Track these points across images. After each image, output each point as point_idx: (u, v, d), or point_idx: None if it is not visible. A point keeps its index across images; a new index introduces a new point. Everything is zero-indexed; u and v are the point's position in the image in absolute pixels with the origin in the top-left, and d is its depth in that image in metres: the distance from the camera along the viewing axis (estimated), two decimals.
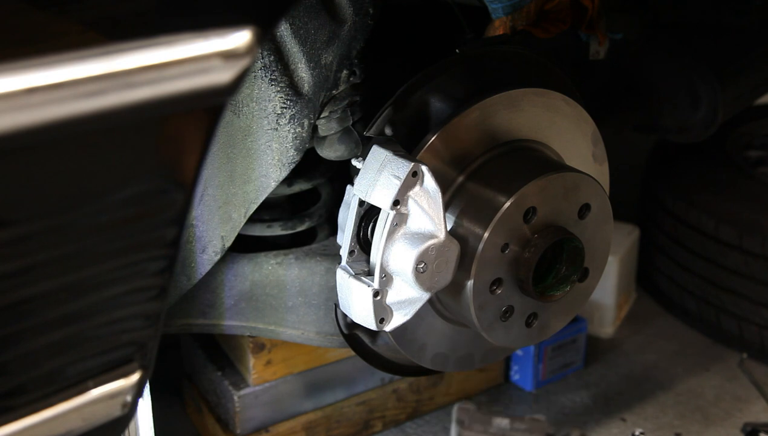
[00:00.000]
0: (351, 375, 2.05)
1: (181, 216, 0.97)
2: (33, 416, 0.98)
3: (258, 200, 1.57)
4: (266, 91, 1.49)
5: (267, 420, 1.98)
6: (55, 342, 0.97)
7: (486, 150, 1.48)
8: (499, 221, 1.40)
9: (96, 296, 0.97)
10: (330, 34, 1.49)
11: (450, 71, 1.48)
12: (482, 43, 1.55)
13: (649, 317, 2.69)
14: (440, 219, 1.37)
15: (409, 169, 1.35)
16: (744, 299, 2.42)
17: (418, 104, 1.47)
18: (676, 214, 2.56)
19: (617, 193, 1.72)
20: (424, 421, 2.20)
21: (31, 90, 0.77)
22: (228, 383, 1.95)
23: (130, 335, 1.04)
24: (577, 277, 1.51)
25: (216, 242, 1.60)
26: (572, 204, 1.48)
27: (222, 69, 0.87)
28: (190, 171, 0.94)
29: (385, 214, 1.38)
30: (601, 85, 2.21)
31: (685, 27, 2.36)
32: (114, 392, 1.04)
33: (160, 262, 1.00)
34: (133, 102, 0.83)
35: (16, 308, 0.91)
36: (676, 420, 2.24)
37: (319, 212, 1.80)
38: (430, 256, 1.37)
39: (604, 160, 1.67)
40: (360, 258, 1.45)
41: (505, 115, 1.48)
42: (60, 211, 0.88)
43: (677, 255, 2.59)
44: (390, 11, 1.63)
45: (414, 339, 1.53)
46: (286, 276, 1.71)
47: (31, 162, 0.83)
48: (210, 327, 1.75)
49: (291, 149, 1.53)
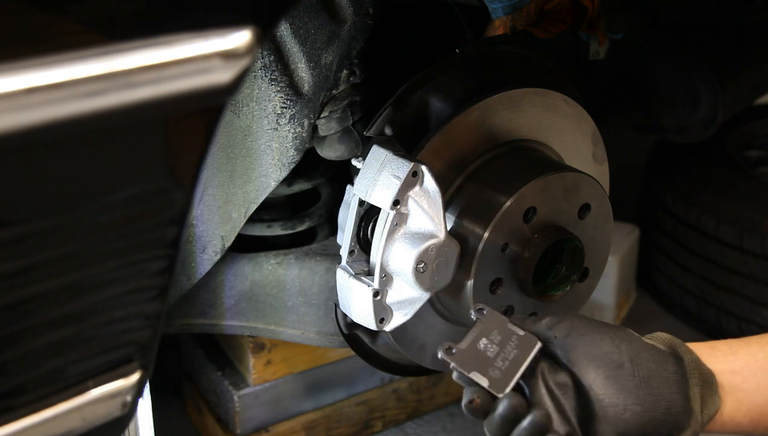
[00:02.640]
0: (351, 375, 2.05)
1: (181, 216, 0.97)
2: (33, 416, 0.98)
3: (258, 200, 1.57)
4: (266, 91, 1.49)
5: (267, 420, 1.98)
6: (55, 342, 0.97)
7: (486, 150, 1.48)
8: (499, 221, 1.40)
9: (96, 296, 0.97)
10: (330, 34, 1.49)
11: (450, 71, 1.48)
12: (482, 43, 1.55)
13: (649, 317, 2.68)
14: (440, 219, 1.37)
15: (409, 169, 1.35)
16: (744, 299, 2.41)
17: (418, 104, 1.47)
18: (676, 214, 2.56)
19: (617, 193, 1.72)
20: (424, 421, 2.20)
21: (31, 90, 0.77)
22: (228, 383, 1.95)
23: (130, 335, 1.04)
24: (577, 277, 1.51)
25: (216, 241, 1.60)
26: (572, 204, 1.48)
27: (222, 69, 0.87)
28: (190, 171, 0.94)
29: (385, 214, 1.38)
30: (601, 85, 2.21)
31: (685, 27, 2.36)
32: (114, 392, 1.04)
33: (160, 262, 1.00)
34: (133, 102, 0.83)
35: (16, 308, 0.91)
36: None
37: (319, 212, 1.80)
38: (430, 256, 1.37)
39: (604, 160, 1.67)
40: (360, 258, 1.45)
41: (505, 115, 1.49)
42: (60, 211, 0.88)
43: (677, 255, 2.59)
44: (390, 11, 1.63)
45: (414, 339, 1.53)
46: (286, 276, 1.71)
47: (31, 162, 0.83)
48: (210, 327, 1.75)
49: (291, 149, 1.53)
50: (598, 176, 1.61)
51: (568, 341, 1.12)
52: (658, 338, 1.16)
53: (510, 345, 1.11)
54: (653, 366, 1.10)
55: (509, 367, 1.10)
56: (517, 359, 1.10)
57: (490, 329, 1.13)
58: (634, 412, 1.08)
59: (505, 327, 1.13)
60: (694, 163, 2.62)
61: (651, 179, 2.77)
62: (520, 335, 1.13)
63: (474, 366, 1.09)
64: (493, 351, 1.10)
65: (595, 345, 1.11)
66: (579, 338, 1.12)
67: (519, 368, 1.10)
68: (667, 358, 1.11)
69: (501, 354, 1.10)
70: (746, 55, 2.38)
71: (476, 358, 1.10)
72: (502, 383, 1.09)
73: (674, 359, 1.12)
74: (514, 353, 1.11)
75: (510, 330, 1.13)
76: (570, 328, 1.13)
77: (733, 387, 1.13)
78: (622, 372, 1.09)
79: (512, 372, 1.09)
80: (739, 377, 1.14)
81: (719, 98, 2.23)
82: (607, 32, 1.80)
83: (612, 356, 1.10)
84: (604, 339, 1.11)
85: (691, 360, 1.12)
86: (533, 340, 1.13)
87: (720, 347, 1.17)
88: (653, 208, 2.69)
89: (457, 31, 1.64)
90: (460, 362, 1.09)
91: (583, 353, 1.11)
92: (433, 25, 1.86)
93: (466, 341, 1.11)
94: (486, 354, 1.10)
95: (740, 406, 1.14)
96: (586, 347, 1.11)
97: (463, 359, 1.09)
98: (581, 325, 1.14)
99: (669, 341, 1.15)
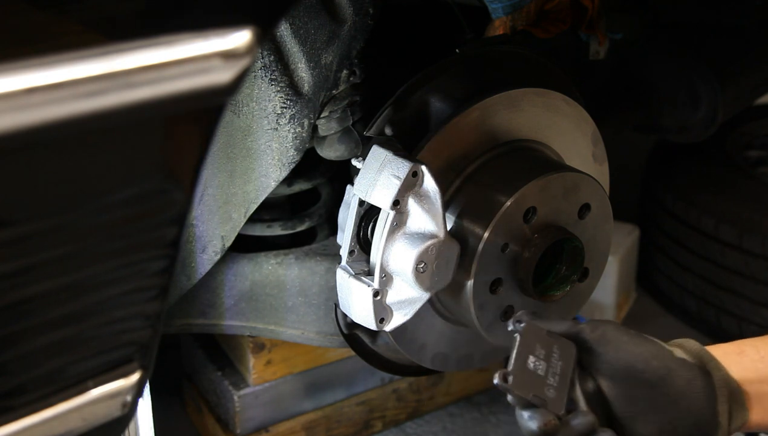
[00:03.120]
0: (351, 375, 2.05)
1: (181, 216, 0.97)
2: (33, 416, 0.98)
3: (258, 200, 1.57)
4: (266, 91, 1.49)
5: (267, 420, 1.98)
6: (55, 342, 0.97)
7: (486, 150, 1.48)
8: (499, 221, 1.40)
9: (96, 296, 0.97)
10: (330, 34, 1.49)
11: (450, 71, 1.48)
12: (482, 43, 1.55)
13: (649, 317, 2.68)
14: (440, 219, 1.37)
15: (409, 169, 1.35)
16: (744, 299, 2.41)
17: (418, 104, 1.47)
18: (676, 214, 2.56)
19: (617, 193, 1.72)
20: (424, 421, 2.19)
21: (31, 90, 0.77)
22: (228, 383, 1.95)
23: (130, 335, 1.04)
24: (577, 277, 1.51)
25: (216, 241, 1.60)
26: (572, 204, 1.48)
27: (222, 69, 0.87)
28: (190, 171, 0.94)
29: (385, 214, 1.38)
30: (601, 85, 2.21)
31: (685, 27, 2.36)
32: (114, 392, 1.04)
33: (160, 262, 1.00)
34: (133, 102, 0.83)
35: (16, 308, 0.91)
36: None
37: (319, 212, 1.81)
38: (430, 256, 1.37)
39: (604, 160, 1.67)
40: (360, 258, 1.45)
41: (505, 115, 1.49)
42: (60, 211, 0.88)
43: (677, 255, 2.59)
44: (390, 11, 1.63)
45: (414, 339, 1.53)
46: (286, 276, 1.71)
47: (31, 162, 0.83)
48: (210, 327, 1.75)
49: (291, 149, 1.53)
50: (598, 176, 1.61)
51: (599, 348, 1.12)
52: (687, 348, 1.15)
53: (554, 357, 1.12)
54: (683, 385, 1.10)
55: (560, 382, 1.10)
56: (564, 372, 1.11)
57: (533, 342, 1.12)
58: (662, 430, 1.09)
59: (544, 338, 1.13)
60: (694, 163, 2.61)
61: (651, 179, 2.77)
62: (560, 343, 1.13)
63: (531, 388, 1.09)
64: (542, 369, 1.10)
65: (625, 359, 1.11)
66: (611, 348, 1.12)
67: (567, 380, 1.11)
68: (696, 375, 1.11)
69: (550, 369, 1.11)
70: (746, 55, 2.38)
71: (530, 379, 1.09)
72: (559, 402, 1.09)
73: (702, 375, 1.12)
74: (560, 366, 1.11)
75: (550, 340, 1.13)
76: (602, 336, 1.13)
77: (760, 395, 1.14)
78: (654, 392, 1.10)
79: (563, 387, 1.10)
80: (766, 385, 1.14)
81: (719, 98, 2.23)
82: (607, 32, 1.80)
83: (644, 375, 1.10)
84: (635, 354, 1.11)
85: (720, 377, 1.12)
86: (571, 347, 1.13)
87: (748, 353, 1.17)
88: (653, 208, 2.69)
89: (457, 31, 1.64)
90: (518, 388, 1.08)
91: (611, 365, 1.11)
92: (433, 25, 1.86)
93: (516, 364, 1.10)
94: (537, 373, 1.10)
95: (766, 414, 1.14)
96: (616, 360, 1.11)
97: (520, 384, 1.09)
98: (614, 335, 1.13)
99: (698, 353, 1.15)
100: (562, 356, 1.12)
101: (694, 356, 1.14)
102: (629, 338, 1.13)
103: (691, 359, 1.14)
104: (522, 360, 1.11)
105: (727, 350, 1.17)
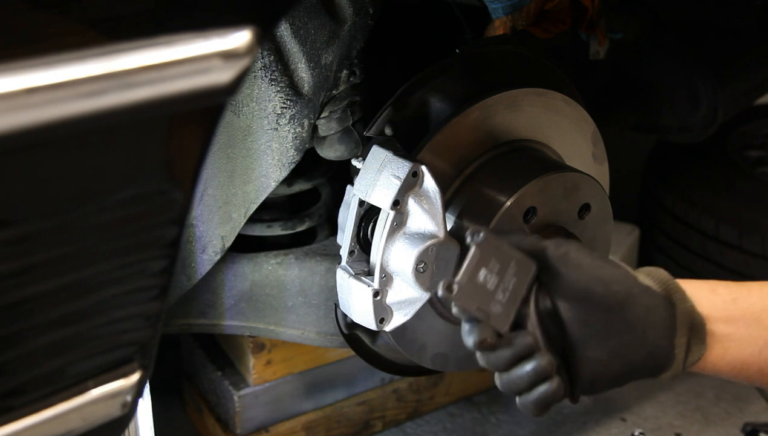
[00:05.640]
0: (351, 375, 2.05)
1: (181, 216, 0.97)
2: (33, 416, 0.98)
3: (258, 200, 1.57)
4: (266, 91, 1.49)
5: (267, 420, 1.98)
6: (55, 342, 0.97)
7: (486, 150, 1.48)
8: (499, 221, 1.40)
9: (96, 296, 0.97)
10: (330, 34, 1.49)
11: (450, 71, 1.48)
12: (482, 43, 1.55)
13: None
14: (440, 219, 1.37)
15: (409, 169, 1.35)
16: None
17: (418, 104, 1.47)
18: (676, 214, 2.56)
19: (617, 193, 1.72)
20: (424, 421, 2.20)
21: (31, 90, 0.77)
22: (228, 383, 1.95)
23: (130, 335, 1.04)
24: None
25: (216, 242, 1.60)
26: (572, 204, 1.48)
27: (222, 69, 0.87)
28: (190, 171, 0.94)
29: (385, 214, 1.38)
30: (601, 85, 2.21)
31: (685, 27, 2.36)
32: (114, 392, 1.04)
33: (160, 262, 1.00)
34: (133, 102, 0.83)
35: (16, 308, 0.91)
36: (676, 420, 2.24)
37: (319, 212, 1.81)
38: (430, 256, 1.37)
39: (604, 160, 1.67)
40: (360, 258, 1.45)
41: (505, 115, 1.49)
42: (60, 211, 0.89)
43: (677, 255, 2.59)
44: (390, 11, 1.63)
45: (414, 339, 1.53)
46: (286, 276, 1.71)
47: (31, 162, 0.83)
48: (210, 327, 1.75)
49: (291, 149, 1.53)
50: (598, 176, 1.61)
51: (561, 268, 1.08)
52: (655, 276, 1.11)
53: (509, 272, 1.07)
54: (642, 312, 1.07)
55: (509, 298, 1.06)
56: (516, 289, 1.07)
57: (488, 256, 1.07)
58: (614, 356, 1.06)
59: (504, 252, 1.08)
60: (694, 163, 2.62)
61: (651, 179, 2.77)
62: (518, 259, 1.08)
63: (476, 301, 1.05)
64: (492, 282, 1.06)
65: (585, 280, 1.07)
66: (572, 268, 1.08)
67: (518, 298, 1.07)
68: (659, 303, 1.08)
69: (501, 285, 1.06)
70: (746, 55, 2.38)
71: (477, 292, 1.05)
72: (504, 318, 1.06)
73: (666, 305, 1.08)
74: (513, 282, 1.07)
75: (509, 256, 1.08)
76: (565, 255, 1.08)
77: (723, 336, 1.10)
78: (610, 316, 1.06)
79: (512, 304, 1.06)
80: (732, 326, 1.10)
81: (719, 98, 2.23)
82: (607, 32, 1.80)
83: (603, 299, 1.06)
84: (596, 276, 1.07)
85: (684, 310, 1.09)
86: (530, 265, 1.09)
87: (721, 291, 1.13)
88: (653, 209, 2.69)
89: (457, 31, 1.64)
90: (461, 300, 1.04)
91: (570, 286, 1.07)
92: (433, 25, 1.86)
93: (464, 274, 1.05)
94: (486, 287, 1.06)
95: (725, 355, 1.11)
96: (575, 281, 1.07)
97: (464, 295, 1.04)
98: (577, 255, 1.09)
99: (665, 282, 1.11)
100: (518, 272, 1.08)
101: (660, 285, 1.10)
102: (592, 260, 1.08)
103: (657, 288, 1.09)
104: (471, 272, 1.06)
105: (700, 286, 1.13)
